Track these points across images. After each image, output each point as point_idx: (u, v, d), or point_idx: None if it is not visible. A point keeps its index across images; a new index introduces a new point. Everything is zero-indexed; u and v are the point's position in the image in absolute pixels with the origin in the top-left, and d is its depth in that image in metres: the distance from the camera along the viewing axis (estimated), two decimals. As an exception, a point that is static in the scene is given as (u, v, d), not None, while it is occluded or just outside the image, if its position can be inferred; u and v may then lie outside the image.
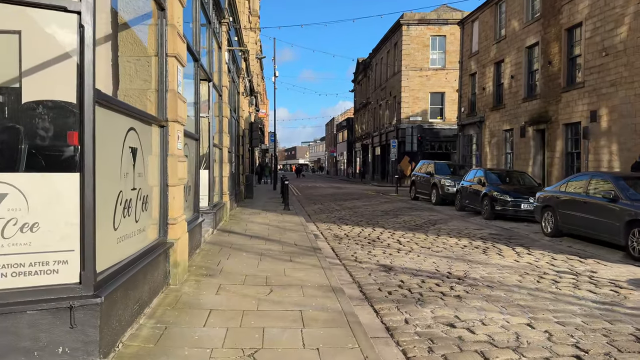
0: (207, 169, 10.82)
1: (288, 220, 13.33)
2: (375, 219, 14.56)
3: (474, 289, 6.41)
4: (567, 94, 18.45)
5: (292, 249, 8.92)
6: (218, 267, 7.18)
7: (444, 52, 42.81)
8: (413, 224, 13.33)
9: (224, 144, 12.79)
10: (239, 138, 19.77)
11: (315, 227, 12.93)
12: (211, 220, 10.60)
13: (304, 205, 19.53)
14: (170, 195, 6.07)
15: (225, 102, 12.94)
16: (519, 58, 22.26)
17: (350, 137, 71.43)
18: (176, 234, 6.14)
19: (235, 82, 18.00)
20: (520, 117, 22.04)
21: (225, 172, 13.05)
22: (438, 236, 11.10)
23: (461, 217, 15.46)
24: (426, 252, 9.05)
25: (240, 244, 9.30)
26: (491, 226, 13.18)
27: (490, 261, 8.28)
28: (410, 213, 16.46)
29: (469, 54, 28.18)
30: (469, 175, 17.31)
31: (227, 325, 4.63)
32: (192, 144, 8.47)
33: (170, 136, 6.08)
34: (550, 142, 19.58)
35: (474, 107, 27.60)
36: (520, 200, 13.95)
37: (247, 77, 22.34)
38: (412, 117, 42.90)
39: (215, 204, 11.54)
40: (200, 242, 8.74)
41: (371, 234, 11.57)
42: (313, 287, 6.11)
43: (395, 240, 10.56)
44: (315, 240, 10.18)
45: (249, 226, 11.91)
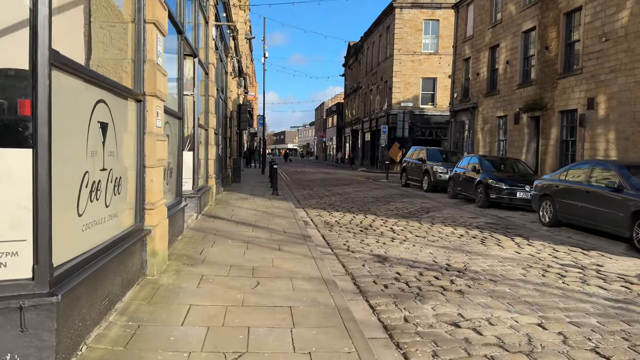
0: (192, 150, 10.23)
1: (277, 206, 12.82)
2: (366, 206, 14.10)
3: (477, 283, 5.97)
4: (564, 80, 18.04)
5: (280, 236, 8.43)
6: (201, 255, 6.66)
7: (436, 37, 42.21)
8: (405, 212, 12.90)
9: (210, 125, 12.18)
10: (226, 120, 19.12)
11: (305, 213, 12.44)
12: (195, 205, 10.05)
13: (293, 191, 19.02)
14: (147, 177, 5.51)
15: (212, 80, 12.30)
16: (514, 43, 21.78)
17: (340, 122, 70.80)
18: (154, 220, 5.60)
19: (223, 61, 17.30)
20: (514, 104, 21.63)
21: (211, 155, 12.46)
22: (432, 224, 10.67)
23: (454, 204, 15.06)
24: (422, 242, 8.61)
25: (226, 230, 8.78)
26: (486, 215, 12.79)
27: (490, 252, 7.86)
28: (402, 200, 16.03)
29: (463, 38, 27.63)
30: (462, 162, 16.89)
31: (209, 324, 4.13)
32: (175, 123, 7.87)
33: (148, 112, 5.50)
34: (545, 130, 19.22)
35: (467, 93, 27.15)
36: (516, 188, 13.56)
37: (235, 56, 21.61)
38: (403, 102, 42.38)
39: (200, 188, 10.98)
40: (182, 228, 8.20)
41: (363, 221, 11.11)
42: (304, 279, 5.63)
43: (388, 228, 10.11)
44: (305, 227, 9.69)
45: (236, 212, 11.38)
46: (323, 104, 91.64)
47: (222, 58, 16.58)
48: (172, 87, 8.19)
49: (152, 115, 5.56)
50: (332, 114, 78.07)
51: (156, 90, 5.54)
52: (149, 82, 5.47)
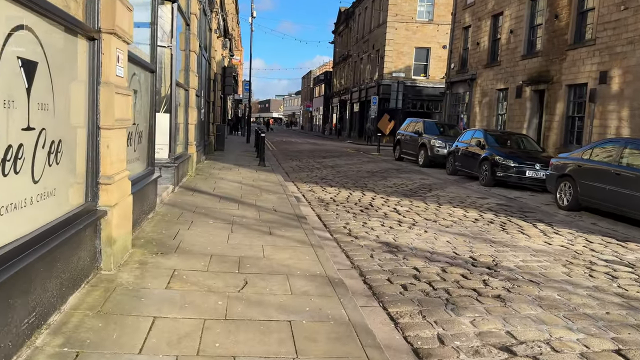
0: (168, 112, 8.86)
1: (264, 179, 11.56)
2: (362, 181, 12.91)
3: (516, 286, 4.85)
4: (574, 51, 16.85)
5: (271, 216, 7.20)
6: (175, 240, 5.41)
7: (432, 5, 40.52)
8: (406, 189, 11.74)
9: (190, 85, 10.75)
10: (210, 82, 17.59)
11: (296, 187, 11.21)
12: (172, 176, 8.74)
13: (281, 162, 17.73)
14: (102, 142, 4.20)
15: (194, 34, 10.81)
16: (520, 11, 20.43)
17: (327, 92, 68.98)
18: (112, 197, 4.31)
19: (207, 16, 15.68)
20: (517, 76, 20.43)
21: (192, 119, 11.07)
22: (439, 205, 9.54)
23: (456, 182, 13.96)
24: (434, 227, 7.46)
25: (207, 207, 7.51)
26: (494, 194, 11.71)
27: (517, 242, 6.75)
28: (399, 175, 14.87)
29: (463, 4, 26.14)
30: (464, 137, 15.74)
31: (178, 351, 2.93)
32: (146, 77, 6.49)
33: (104, 55, 4.14)
34: (550, 104, 18.11)
35: (466, 64, 25.83)
36: (525, 166, 12.47)
37: (220, 12, 19.89)
38: (395, 72, 40.89)
39: (178, 156, 9.64)
40: (154, 204, 6.91)
41: (361, 199, 9.92)
42: (303, 277, 4.45)
43: (391, 208, 8.94)
44: (297, 204, 8.48)
45: (219, 184, 10.09)
46: (310, 72, 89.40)
47: (205, 11, 14.98)
48: (144, 33, 6.78)
49: (111, 59, 4.20)
50: (319, 83, 76.10)
51: (116, 26, 4.17)
52: (106, 15, 4.11)
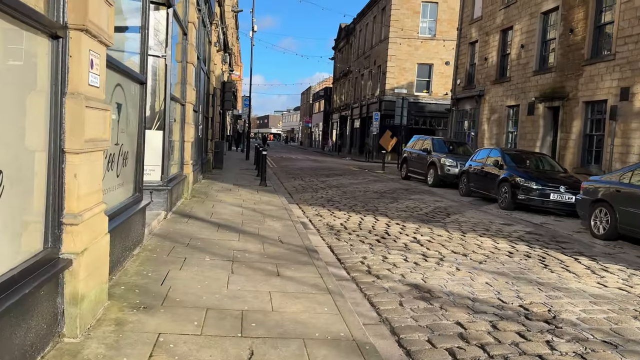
0: (162, 129, 7.92)
1: (267, 201, 10.59)
2: (372, 203, 11.94)
3: (590, 350, 3.86)
4: (592, 67, 16.04)
5: (277, 249, 6.23)
6: (163, 287, 4.42)
7: (434, 21, 40.03)
8: (421, 213, 10.78)
9: (187, 99, 9.83)
10: (208, 97, 16.72)
11: (301, 211, 10.23)
12: (164, 201, 7.77)
13: (283, 181, 16.77)
14: (68, 170, 3.25)
15: (192, 44, 9.93)
16: (532, 25, 19.70)
17: (327, 108, 68.38)
18: (80, 241, 3.34)
19: (207, 27, 14.86)
20: (529, 92, 19.62)
21: (189, 136, 10.13)
22: (463, 234, 8.56)
23: (472, 204, 13.01)
24: (466, 263, 6.48)
25: (204, 238, 6.53)
26: (517, 220, 10.74)
27: (567, 283, 5.77)
28: (410, 196, 13.92)
29: (469, 20, 25.47)
30: (478, 155, 14.84)
31: None
32: (133, 89, 5.55)
33: (72, 58, 3.21)
34: (566, 122, 17.26)
35: (472, 80, 25.07)
36: (549, 189, 11.54)
37: (220, 25, 19.11)
38: (397, 88, 40.22)
39: (172, 178, 8.68)
40: (141, 236, 5.92)
41: (375, 225, 8.95)
42: (324, 343, 3.46)
43: (411, 237, 7.96)
44: (305, 233, 7.51)
45: (217, 208, 9.11)
46: (310, 88, 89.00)
47: (205, 23, 14.15)
48: (132, 41, 5.87)
49: (81, 64, 3.26)
50: (319, 99, 75.56)
51: (88, 21, 3.24)
52: (75, 6, 3.18)
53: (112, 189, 4.83)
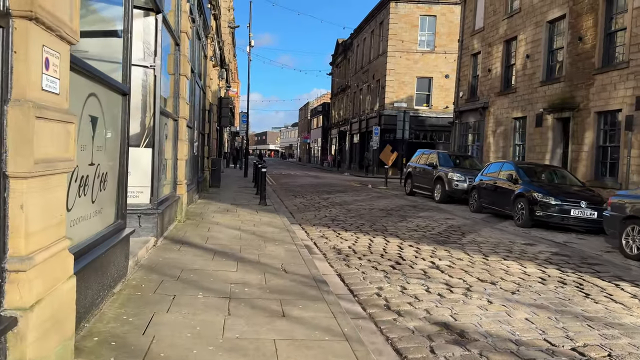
0: (151, 147, 7.17)
1: (267, 222, 9.81)
2: (379, 222, 11.17)
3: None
4: (604, 75, 15.41)
5: (281, 281, 5.44)
6: (145, 337, 3.63)
7: (433, 34, 39.68)
8: (434, 233, 10.00)
9: (180, 114, 9.11)
10: (204, 113, 16.02)
11: (305, 233, 9.45)
12: (153, 226, 6.99)
13: (283, 199, 16.00)
14: (13, 200, 2.53)
15: (185, 55, 9.24)
16: (537, 34, 19.14)
17: (325, 123, 67.93)
18: (29, 292, 2.58)
19: (202, 40, 14.23)
20: (536, 103, 18.98)
21: (182, 154, 9.38)
22: (485, 256, 7.77)
23: (486, 222, 12.23)
24: (497, 293, 5.69)
25: (197, 269, 5.74)
26: (538, 239, 9.96)
27: (619, 318, 4.98)
28: (418, 214, 13.14)
29: (471, 31, 24.97)
30: (489, 169, 14.12)
31: None
32: (114, 101, 4.82)
33: (17, 55, 2.47)
34: (577, 133, 16.57)
35: (475, 92, 24.48)
36: (569, 204, 10.79)
37: (217, 38, 18.50)
38: (396, 102, 39.71)
39: (164, 199, 7.91)
40: (124, 269, 5.13)
41: (387, 248, 8.16)
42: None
43: (428, 262, 7.18)
44: (311, 259, 6.73)
45: (213, 232, 8.32)
46: (308, 104, 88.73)
47: (200, 35, 13.52)
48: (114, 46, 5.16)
49: (29, 62, 2.52)
50: (317, 115, 75.17)
51: (38, 7, 2.50)
52: (20, -12, 2.45)
53: (85, 218, 4.06)
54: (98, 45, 5.11)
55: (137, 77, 7.11)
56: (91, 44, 4.68)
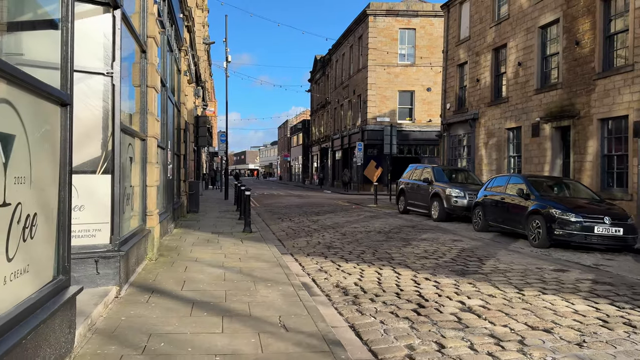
0: (110, 173, 5.79)
1: (255, 255, 8.44)
2: (381, 248, 9.89)
3: None
4: (606, 80, 14.56)
5: (281, 345, 4.10)
6: None
7: (413, 47, 39.09)
8: (447, 259, 8.74)
9: (149, 133, 7.74)
10: (179, 132, 14.64)
11: (299, 266, 8.11)
12: (115, 272, 5.59)
13: (269, 223, 14.62)
14: None
15: (153, 64, 7.91)
16: (529, 41, 18.33)
17: (306, 141, 66.83)
18: None
19: (174, 52, 12.93)
20: (531, 113, 18.08)
21: (152, 179, 7.98)
22: (519, 290, 6.52)
23: (496, 242, 11.05)
24: (560, 347, 4.41)
25: (169, 333, 4.36)
26: (564, 262, 8.79)
27: None
28: (421, 236, 11.90)
29: (456, 41, 24.19)
30: (492, 183, 13.01)
31: None
32: (46, 112, 3.48)
33: None
34: (579, 142, 15.65)
35: (464, 103, 23.61)
36: (592, 221, 9.68)
37: (191, 51, 17.21)
38: (379, 117, 38.81)
39: (129, 236, 6.51)
40: (69, 344, 3.72)
41: (400, 282, 6.87)
42: None
43: (456, 302, 5.89)
44: (314, 305, 5.41)
45: (192, 272, 6.92)
46: (287, 122, 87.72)
47: (171, 47, 12.22)
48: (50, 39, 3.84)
49: None
50: (297, 132, 74.11)
51: None
52: None
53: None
54: (36, 43, 3.81)
55: (91, 87, 5.77)
56: (26, 40, 3.39)
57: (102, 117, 5.87)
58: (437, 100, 39.13)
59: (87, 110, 5.77)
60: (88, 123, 5.79)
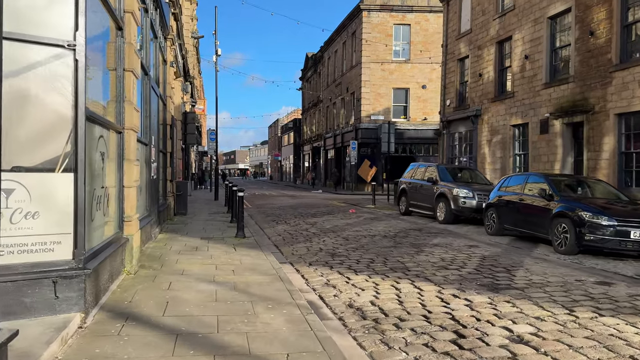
0: (72, 171, 4.65)
1: (250, 265, 7.33)
2: (391, 256, 8.81)
3: None
4: (624, 72, 13.61)
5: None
6: None
7: (408, 43, 38.12)
8: (471, 270, 7.67)
9: (126, 124, 6.58)
10: (166, 128, 13.46)
11: (302, 278, 7.01)
12: (79, 295, 4.47)
13: (263, 226, 13.49)
14: None
15: (132, 44, 6.75)
16: (536, 32, 17.37)
17: (297, 140, 65.66)
18: None
19: (159, 39, 11.76)
20: (539, 108, 17.13)
21: (131, 179, 6.81)
22: (570, 312, 5.45)
23: (515, 248, 10.03)
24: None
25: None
26: (604, 273, 7.75)
27: None
28: (431, 240, 10.85)
29: (456, 34, 23.21)
30: (507, 183, 11.99)
31: None
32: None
33: None
34: (593, 139, 14.70)
35: (464, 99, 22.63)
36: (628, 225, 8.66)
37: (178, 41, 16.01)
38: (373, 115, 37.79)
39: (100, 248, 5.37)
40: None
41: (425, 301, 5.78)
42: None
43: (500, 327, 4.82)
44: (328, 336, 4.35)
45: (177, 290, 5.78)
46: (277, 121, 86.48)
47: (156, 33, 11.05)
48: None
49: None
50: (288, 131, 72.90)
51: None
52: None
53: None
54: None
55: (50, 65, 4.62)
56: None
57: (64, 103, 4.72)
58: (432, 98, 38.23)
59: (44, 94, 4.63)
60: (45, 110, 4.64)
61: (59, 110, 4.68)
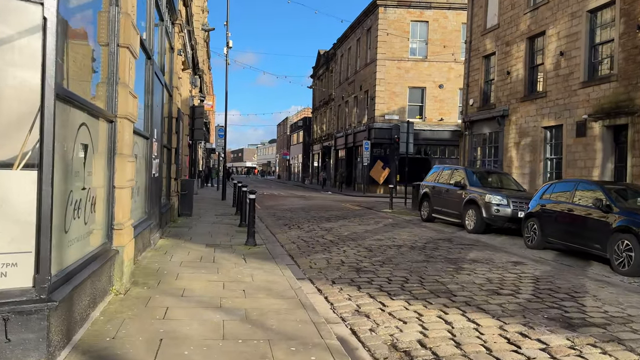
0: (35, 167, 3.46)
1: (264, 282, 6.13)
2: (427, 274, 7.57)
3: None
4: (678, 71, 12.29)
5: None
6: None
7: (425, 41, 36.78)
8: (529, 297, 6.42)
9: (119, 111, 5.39)
10: (171, 121, 12.29)
11: (328, 304, 5.79)
12: (41, 335, 3.27)
13: (274, 231, 12.30)
14: None
15: (129, 14, 5.55)
16: (574, 27, 16.06)
17: (306, 139, 64.50)
18: None
19: (165, 22, 10.59)
20: (576, 109, 15.81)
21: (124, 178, 5.61)
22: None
23: (566, 266, 8.76)
24: None
25: None
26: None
27: None
28: (467, 255, 9.59)
29: (481, 30, 21.90)
30: (551, 190, 10.72)
31: None
32: None
33: None
34: (638, 143, 13.38)
35: (489, 98, 21.33)
36: None
37: (187, 27, 14.85)
38: (387, 115, 36.52)
39: (76, 269, 4.18)
40: None
41: (491, 346, 4.54)
42: None
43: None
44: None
45: (174, 322, 4.58)
46: (287, 119, 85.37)
47: (161, 14, 9.88)
48: None
49: None
50: (297, 130, 71.75)
51: None
52: None
53: None
54: None
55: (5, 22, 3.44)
56: None
57: (28, 77, 3.53)
58: (449, 98, 36.93)
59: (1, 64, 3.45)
60: (2, 86, 3.46)
61: (21, 86, 3.49)
